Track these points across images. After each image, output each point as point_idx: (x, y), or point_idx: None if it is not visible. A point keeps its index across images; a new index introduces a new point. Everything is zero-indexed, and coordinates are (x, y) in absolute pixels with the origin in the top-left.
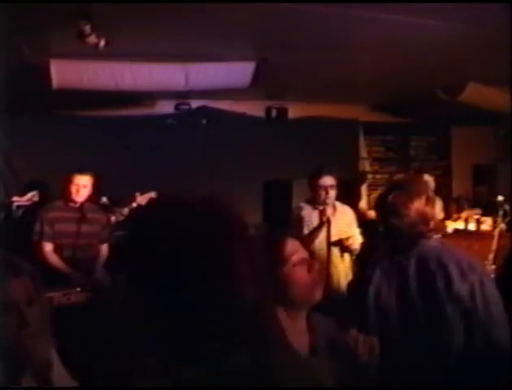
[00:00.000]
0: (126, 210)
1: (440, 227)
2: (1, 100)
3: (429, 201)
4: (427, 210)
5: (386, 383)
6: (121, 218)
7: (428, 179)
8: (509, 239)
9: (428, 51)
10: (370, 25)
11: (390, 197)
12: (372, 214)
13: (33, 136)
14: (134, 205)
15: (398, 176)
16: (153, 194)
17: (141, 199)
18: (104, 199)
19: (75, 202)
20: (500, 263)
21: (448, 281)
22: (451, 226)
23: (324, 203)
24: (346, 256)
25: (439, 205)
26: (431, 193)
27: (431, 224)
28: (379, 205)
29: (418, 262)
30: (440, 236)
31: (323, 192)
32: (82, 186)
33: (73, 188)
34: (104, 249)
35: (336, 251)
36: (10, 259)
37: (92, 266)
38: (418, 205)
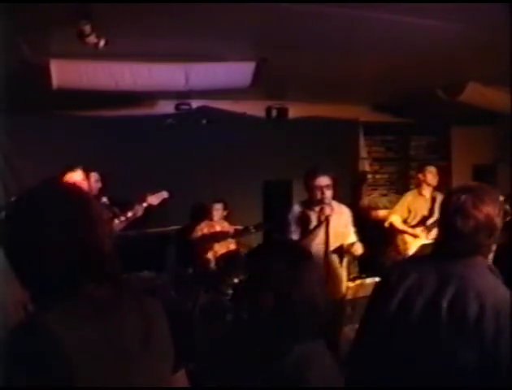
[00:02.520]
0: (137, 209)
1: None
2: (1, 100)
3: (501, 212)
4: (497, 220)
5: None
6: (139, 214)
7: (432, 170)
8: (509, 239)
9: (428, 51)
10: (371, 25)
11: (462, 198)
12: (375, 214)
13: (33, 136)
14: (145, 204)
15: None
16: (164, 193)
17: (152, 198)
18: (104, 199)
19: None
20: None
21: (480, 313)
22: None
23: (321, 203)
24: (344, 259)
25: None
26: (504, 206)
27: (493, 238)
28: (446, 204)
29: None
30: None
31: (319, 193)
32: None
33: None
34: None
35: (335, 254)
36: None
37: None
38: (490, 210)
